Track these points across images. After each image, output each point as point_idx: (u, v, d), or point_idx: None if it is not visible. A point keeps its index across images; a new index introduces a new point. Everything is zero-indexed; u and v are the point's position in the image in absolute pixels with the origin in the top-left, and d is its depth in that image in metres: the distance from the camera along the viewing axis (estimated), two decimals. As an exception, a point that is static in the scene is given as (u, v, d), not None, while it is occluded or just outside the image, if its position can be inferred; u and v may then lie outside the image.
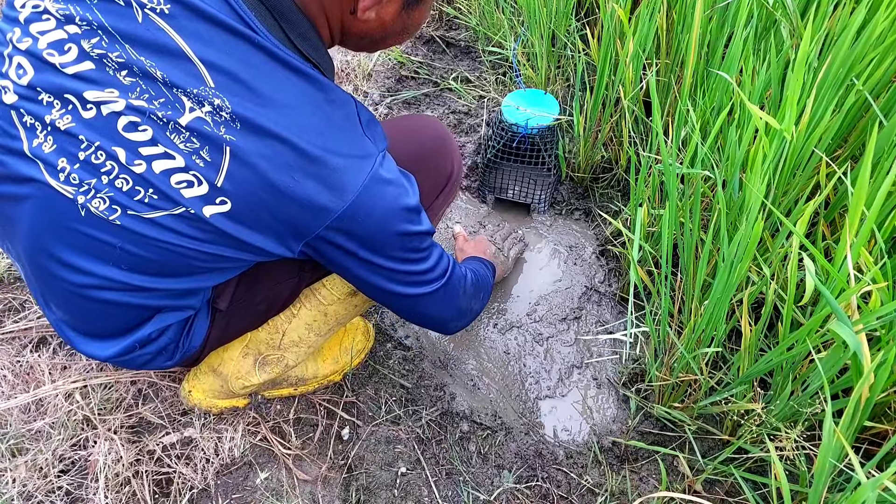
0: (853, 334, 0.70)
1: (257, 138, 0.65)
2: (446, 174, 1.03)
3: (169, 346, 0.88)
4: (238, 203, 0.68)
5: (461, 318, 0.99)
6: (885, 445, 0.75)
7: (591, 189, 1.60)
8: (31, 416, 1.09)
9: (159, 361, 0.90)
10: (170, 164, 0.66)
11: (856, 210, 0.75)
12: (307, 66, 0.69)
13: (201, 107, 0.64)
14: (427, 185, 0.98)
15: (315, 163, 0.67)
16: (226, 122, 0.64)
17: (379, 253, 0.78)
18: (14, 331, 1.21)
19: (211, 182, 0.66)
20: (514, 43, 1.84)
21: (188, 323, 0.89)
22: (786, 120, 0.85)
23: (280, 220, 0.70)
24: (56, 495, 1.01)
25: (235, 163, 0.65)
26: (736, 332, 1.20)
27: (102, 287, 0.75)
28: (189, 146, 0.65)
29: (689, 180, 1.14)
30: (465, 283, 0.97)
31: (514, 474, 1.10)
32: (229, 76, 0.64)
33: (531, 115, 1.42)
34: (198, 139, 0.65)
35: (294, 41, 0.69)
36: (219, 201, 0.67)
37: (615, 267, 1.45)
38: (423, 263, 0.85)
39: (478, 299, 1.04)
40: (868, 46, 0.99)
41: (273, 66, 0.66)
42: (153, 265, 0.74)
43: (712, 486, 1.08)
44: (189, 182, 0.66)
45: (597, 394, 1.24)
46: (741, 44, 1.08)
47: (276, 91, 0.65)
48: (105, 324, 0.81)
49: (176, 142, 0.65)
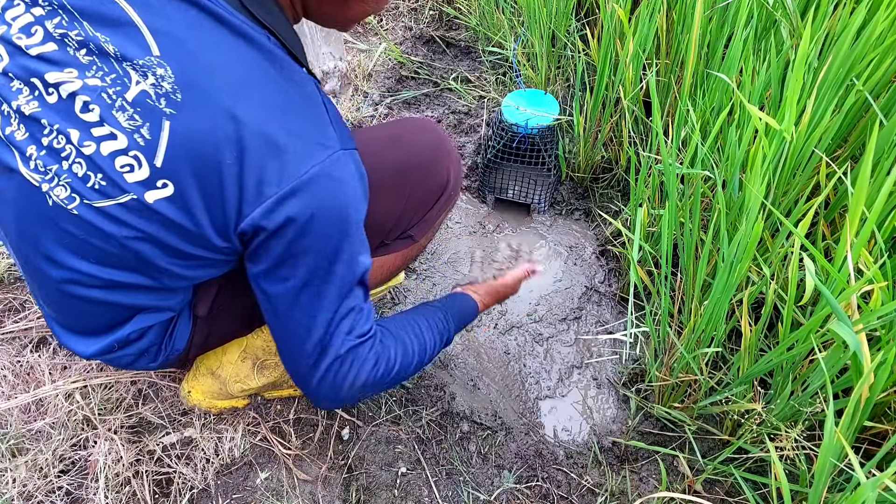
0: (853, 334, 0.70)
1: (197, 111, 0.61)
2: (441, 183, 0.97)
3: (150, 348, 0.86)
4: (180, 185, 0.63)
5: (337, 395, 0.78)
6: (885, 445, 0.75)
7: (591, 189, 1.60)
8: (31, 416, 1.09)
9: (142, 363, 0.88)
10: (114, 145, 0.63)
11: (856, 210, 0.75)
12: (262, 33, 0.65)
13: (145, 78, 0.61)
14: (419, 195, 0.94)
15: (256, 139, 0.62)
16: (167, 94, 0.61)
17: (300, 259, 0.69)
18: (14, 331, 1.21)
19: (151, 163, 0.63)
20: (514, 43, 1.84)
21: (170, 326, 0.87)
22: (786, 120, 0.85)
23: (219, 202, 0.65)
24: (56, 495, 1.01)
25: (174, 139, 0.62)
26: (736, 332, 1.20)
27: (78, 282, 0.73)
28: (131, 124, 0.62)
29: (689, 180, 1.14)
30: (379, 364, 0.79)
31: (514, 474, 1.10)
32: (175, 42, 0.61)
33: (531, 115, 1.42)
34: (140, 115, 0.62)
35: (247, 5, 0.65)
36: (160, 184, 0.63)
37: (615, 267, 1.45)
38: (342, 300, 0.73)
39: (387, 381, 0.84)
40: (868, 46, 0.99)
41: (222, 32, 0.62)
42: (117, 259, 0.70)
43: (712, 486, 1.08)
44: (130, 165, 0.63)
45: (597, 394, 1.24)
46: (741, 44, 1.08)
47: (223, 60, 0.62)
48: (86, 321, 0.80)
49: (120, 120, 0.62)
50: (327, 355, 0.75)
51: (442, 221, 1.05)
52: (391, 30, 2.09)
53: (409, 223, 0.97)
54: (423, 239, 1.02)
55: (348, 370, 0.76)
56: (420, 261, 1.46)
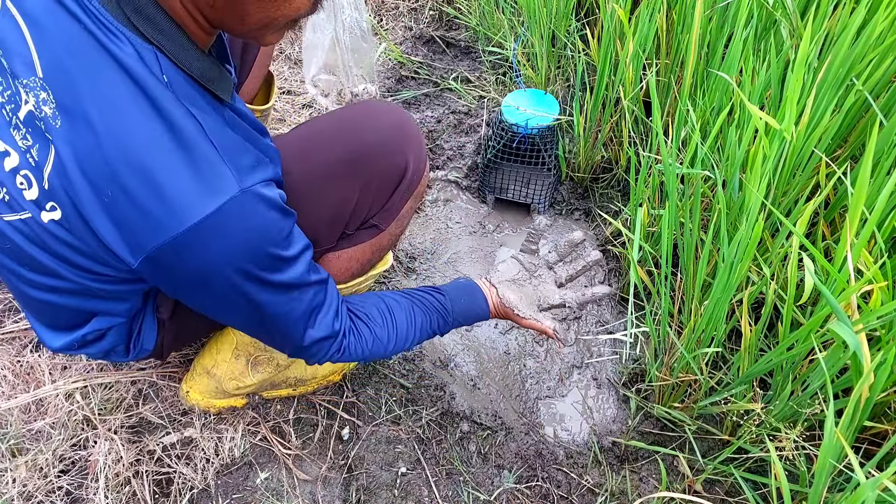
0: (853, 334, 0.70)
1: (76, 142, 0.59)
2: (399, 169, 0.92)
3: (116, 347, 0.87)
4: (65, 210, 0.62)
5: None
6: (885, 445, 0.75)
7: (591, 189, 1.60)
8: (31, 416, 1.09)
9: (114, 358, 0.90)
10: (11, 162, 0.64)
11: (856, 210, 0.75)
12: (149, 50, 0.60)
13: (33, 98, 0.60)
14: (376, 182, 0.90)
15: (134, 181, 0.59)
16: (47, 118, 0.59)
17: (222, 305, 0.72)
18: (14, 331, 1.21)
19: (40, 185, 0.62)
20: (514, 43, 1.84)
21: (134, 328, 0.88)
22: (786, 120, 0.85)
23: (102, 236, 0.62)
24: (56, 495, 1.01)
25: (58, 165, 0.60)
26: (736, 332, 1.20)
27: (29, 284, 0.74)
28: (24, 143, 0.62)
29: (689, 180, 1.14)
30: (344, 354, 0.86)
31: (514, 474, 1.10)
32: (57, 64, 0.58)
33: (531, 115, 1.42)
34: (31, 135, 0.61)
35: (134, 22, 0.60)
36: (49, 207, 0.63)
37: (615, 267, 1.45)
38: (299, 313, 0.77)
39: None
40: (868, 46, 0.99)
41: (102, 58, 0.58)
42: (45, 268, 0.71)
43: (712, 486, 1.08)
44: (24, 184, 0.63)
45: (597, 394, 1.24)
46: (741, 44, 1.08)
47: (101, 92, 0.58)
48: (49, 317, 0.82)
49: (16, 138, 0.62)
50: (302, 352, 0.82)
51: (411, 209, 0.99)
52: (391, 30, 2.09)
53: (369, 211, 0.93)
54: (394, 227, 0.98)
55: (323, 355, 0.84)
56: (420, 261, 1.46)
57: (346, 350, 0.85)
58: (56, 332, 0.83)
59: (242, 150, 0.66)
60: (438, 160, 1.68)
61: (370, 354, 0.89)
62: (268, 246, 0.67)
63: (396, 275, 1.42)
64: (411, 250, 1.48)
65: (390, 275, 1.42)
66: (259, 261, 0.67)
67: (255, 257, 0.66)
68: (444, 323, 0.96)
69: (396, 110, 0.95)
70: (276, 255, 0.69)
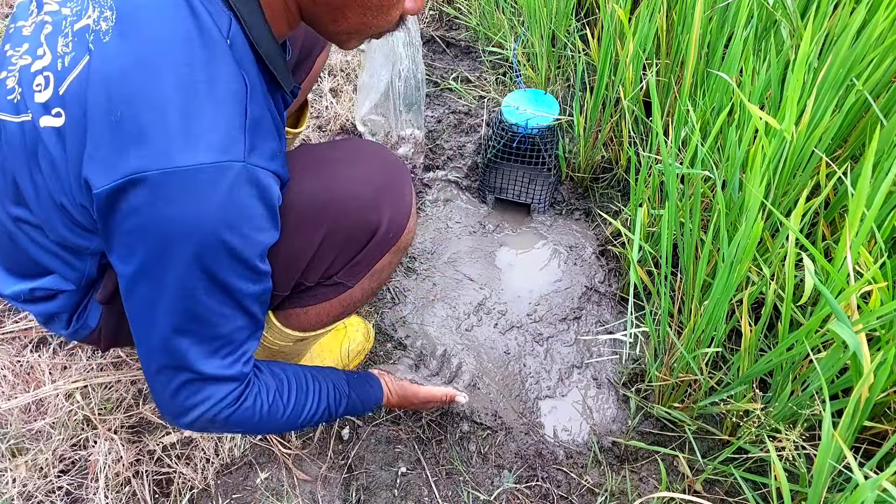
0: (853, 334, 0.70)
1: (112, 61, 0.61)
2: (369, 227, 0.83)
3: (60, 314, 0.84)
4: (71, 119, 0.63)
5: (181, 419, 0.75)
6: (884, 445, 0.75)
7: (591, 189, 1.60)
8: (31, 416, 1.09)
9: (56, 327, 0.87)
10: (41, 63, 0.66)
11: (856, 210, 0.75)
12: (225, 13, 0.63)
13: (97, 14, 0.64)
14: (339, 239, 0.82)
15: (147, 108, 0.59)
16: (102, 32, 0.62)
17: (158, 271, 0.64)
18: (14, 331, 1.21)
19: (56, 88, 0.64)
20: (514, 43, 1.84)
21: (82, 301, 0.83)
22: (786, 120, 0.85)
23: (90, 155, 0.62)
24: (56, 495, 1.01)
25: (83, 75, 0.62)
26: (736, 332, 1.20)
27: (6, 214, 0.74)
28: (63, 49, 0.65)
29: (689, 180, 1.14)
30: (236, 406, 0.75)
31: (514, 474, 1.10)
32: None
33: (531, 115, 1.42)
34: (74, 44, 0.64)
35: None
36: (55, 112, 0.64)
37: (615, 267, 1.45)
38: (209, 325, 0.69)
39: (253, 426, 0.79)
40: (868, 46, 0.99)
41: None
42: (17, 192, 0.71)
43: (712, 486, 1.08)
44: (42, 84, 0.65)
45: (597, 394, 1.24)
46: (741, 44, 1.08)
47: (162, 20, 0.61)
48: (8, 257, 0.81)
49: (59, 43, 0.65)
50: (179, 377, 0.71)
51: (391, 264, 0.91)
52: (391, 30, 2.09)
53: (330, 266, 0.84)
54: (367, 282, 0.89)
55: (198, 400, 0.72)
56: (420, 261, 1.46)
57: (239, 404, 0.75)
58: (10, 275, 0.82)
59: (269, 135, 0.66)
60: (438, 160, 1.68)
61: (260, 419, 0.78)
62: (243, 239, 0.64)
63: (396, 275, 1.42)
64: (411, 250, 1.48)
65: (390, 275, 1.42)
66: (228, 250, 0.63)
67: (225, 243, 0.63)
68: (339, 396, 0.90)
69: (382, 155, 0.88)
70: (244, 257, 0.65)
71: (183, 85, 0.60)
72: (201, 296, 0.66)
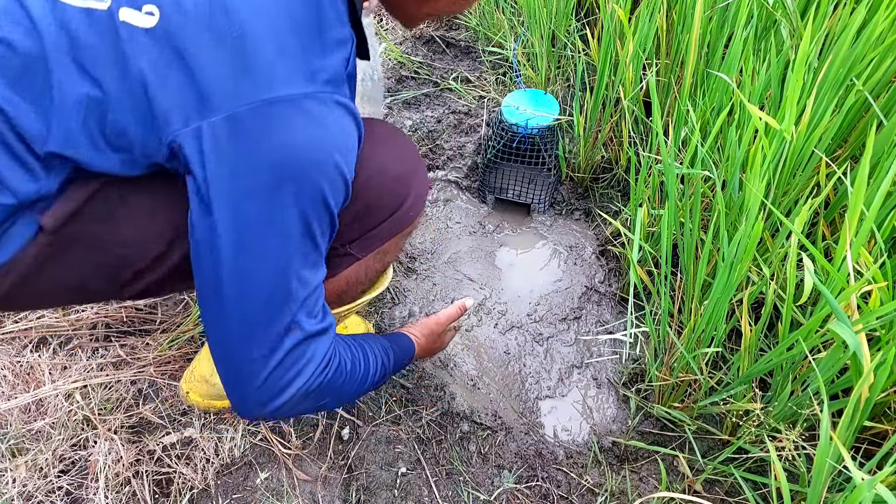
0: (853, 334, 0.70)
1: None
2: (398, 201, 0.87)
3: None
4: (164, 23, 0.57)
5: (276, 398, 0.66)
6: (884, 445, 0.75)
7: (591, 189, 1.60)
8: (31, 416, 1.09)
9: None
10: None
11: (855, 210, 0.75)
12: None
13: None
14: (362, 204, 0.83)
15: (254, 37, 0.58)
16: None
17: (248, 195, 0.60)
18: (14, 331, 1.21)
19: None
20: (514, 43, 1.84)
21: (10, 218, 0.65)
22: (786, 120, 0.85)
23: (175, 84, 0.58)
24: (56, 495, 1.01)
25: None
26: (736, 332, 1.20)
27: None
28: None
29: (689, 180, 1.14)
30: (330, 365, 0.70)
31: (514, 474, 1.10)
32: None
33: (531, 115, 1.42)
34: None
35: None
36: (146, 11, 0.58)
37: (615, 267, 1.45)
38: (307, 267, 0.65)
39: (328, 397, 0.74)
40: (868, 46, 0.99)
41: None
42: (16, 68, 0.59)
43: (712, 486, 1.08)
44: None
45: (597, 394, 1.24)
46: (741, 44, 1.08)
47: None
48: None
49: None
50: (289, 339, 0.63)
51: (395, 247, 0.93)
52: (391, 30, 2.09)
53: (349, 231, 0.84)
54: (373, 260, 0.90)
55: (303, 364, 0.66)
56: (420, 261, 1.46)
57: (332, 363, 0.69)
58: None
59: (353, 90, 0.70)
60: (438, 160, 1.68)
61: (346, 380, 0.74)
62: (348, 167, 0.64)
63: (396, 275, 1.42)
64: (411, 250, 1.48)
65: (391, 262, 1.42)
66: (340, 174, 0.63)
67: (338, 167, 0.63)
68: (387, 353, 0.89)
69: (410, 142, 0.92)
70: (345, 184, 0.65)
71: (300, 24, 0.61)
72: (313, 221, 0.62)
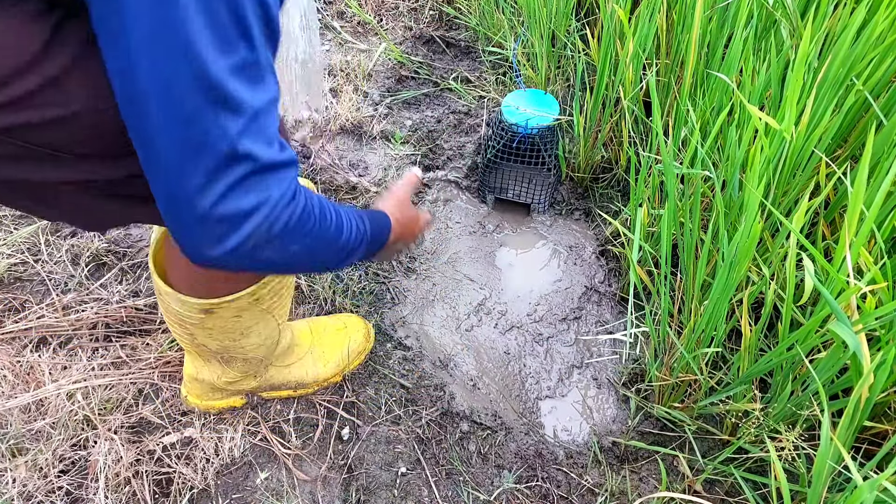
0: (853, 334, 0.70)
1: None
2: None
3: None
4: None
5: (244, 248, 0.56)
6: (885, 445, 0.75)
7: (591, 189, 1.60)
8: (31, 416, 1.09)
9: None
10: None
11: (855, 210, 0.75)
12: None
13: None
14: None
15: None
16: None
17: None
18: (14, 331, 1.21)
19: None
20: (514, 43, 1.84)
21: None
22: (785, 120, 0.85)
23: None
24: (56, 495, 1.01)
25: None
26: (736, 332, 1.20)
27: None
28: None
29: (689, 180, 1.14)
30: (296, 202, 0.59)
31: (514, 474, 1.10)
32: None
33: (531, 115, 1.42)
34: None
35: None
36: None
37: (615, 267, 1.45)
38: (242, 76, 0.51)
39: (298, 243, 0.61)
40: (868, 46, 0.99)
41: None
42: None
43: (712, 486, 1.08)
44: None
45: (597, 394, 1.24)
46: (741, 44, 1.08)
47: None
48: None
49: None
50: (239, 167, 0.52)
51: None
52: (391, 30, 2.09)
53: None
54: None
55: (258, 197, 0.54)
56: (420, 261, 1.46)
57: (297, 201, 0.58)
58: None
59: None
60: (438, 160, 1.68)
61: (314, 226, 0.62)
62: None
63: (396, 275, 1.42)
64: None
65: (390, 275, 1.42)
66: None
67: None
68: (363, 221, 0.75)
69: None
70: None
71: None
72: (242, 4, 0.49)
